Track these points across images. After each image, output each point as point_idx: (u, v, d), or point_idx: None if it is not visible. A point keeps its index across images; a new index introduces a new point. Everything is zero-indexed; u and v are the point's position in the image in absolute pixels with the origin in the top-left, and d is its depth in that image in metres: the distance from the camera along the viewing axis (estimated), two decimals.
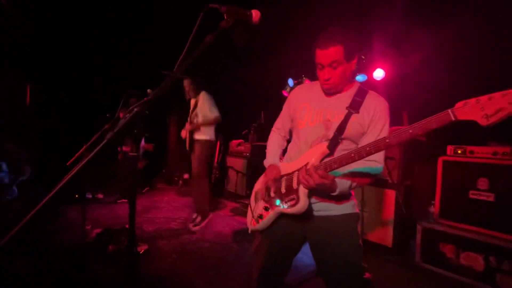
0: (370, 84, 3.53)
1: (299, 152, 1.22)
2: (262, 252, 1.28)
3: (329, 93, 1.19)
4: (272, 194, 1.23)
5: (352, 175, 1.11)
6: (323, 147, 1.11)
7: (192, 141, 3.26)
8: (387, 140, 0.92)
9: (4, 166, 3.79)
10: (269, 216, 1.21)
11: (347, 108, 1.14)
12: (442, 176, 2.34)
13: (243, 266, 2.39)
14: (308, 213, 1.14)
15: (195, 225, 3.14)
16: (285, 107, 1.38)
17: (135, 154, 0.75)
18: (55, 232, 2.92)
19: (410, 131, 0.85)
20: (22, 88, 5.16)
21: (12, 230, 0.50)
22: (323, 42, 1.07)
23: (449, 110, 0.79)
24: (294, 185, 1.13)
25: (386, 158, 2.64)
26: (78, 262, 2.28)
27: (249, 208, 1.36)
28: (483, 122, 0.74)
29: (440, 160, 2.36)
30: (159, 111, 5.20)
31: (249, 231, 1.33)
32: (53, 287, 1.97)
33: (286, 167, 1.22)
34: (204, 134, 3.19)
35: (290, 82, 4.77)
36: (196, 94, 3.32)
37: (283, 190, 1.18)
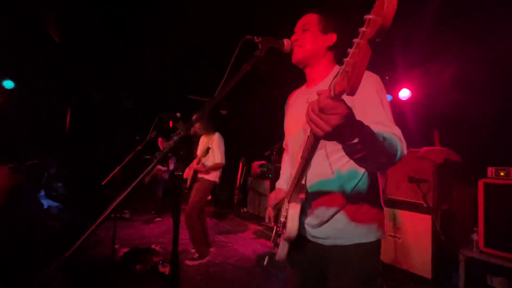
0: (396, 104, 3.46)
1: (292, 167, 1.09)
2: (291, 283, 1.19)
3: (297, 62, 1.07)
4: (280, 219, 1.11)
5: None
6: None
7: (195, 179, 3.15)
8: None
9: (42, 193, 4.10)
10: (282, 243, 1.06)
11: None
12: (484, 200, 2.16)
13: None
14: (310, 242, 0.99)
15: (191, 259, 2.91)
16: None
17: (181, 173, 0.79)
18: (84, 249, 3.02)
19: None
20: (63, 112, 5.66)
21: (75, 244, 0.54)
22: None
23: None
24: (286, 205, 1.01)
25: (419, 181, 2.51)
26: (107, 279, 2.32)
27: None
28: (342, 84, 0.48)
29: (481, 183, 2.19)
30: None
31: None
32: None
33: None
34: (209, 175, 3.07)
35: None
36: (209, 132, 3.15)
37: (284, 212, 1.06)
